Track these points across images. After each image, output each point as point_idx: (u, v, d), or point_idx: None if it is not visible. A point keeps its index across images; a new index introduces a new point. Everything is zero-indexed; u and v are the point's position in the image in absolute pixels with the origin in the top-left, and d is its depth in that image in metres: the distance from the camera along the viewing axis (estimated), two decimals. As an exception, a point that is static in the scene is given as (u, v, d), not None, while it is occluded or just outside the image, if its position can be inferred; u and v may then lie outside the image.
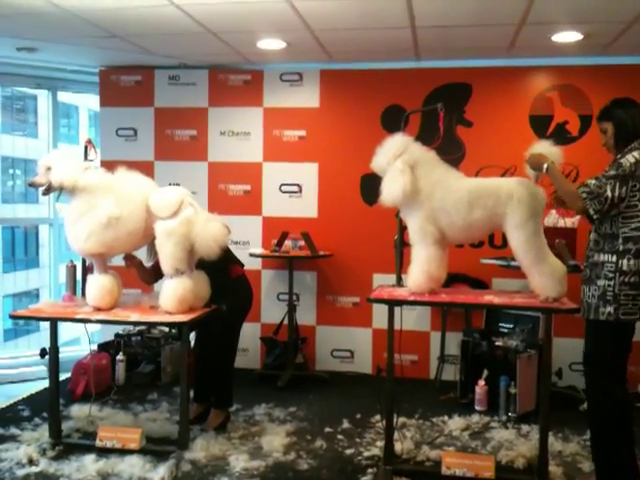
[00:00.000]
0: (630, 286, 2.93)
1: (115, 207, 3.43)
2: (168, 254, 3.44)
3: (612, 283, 2.93)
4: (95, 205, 3.45)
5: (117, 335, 5.16)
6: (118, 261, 3.83)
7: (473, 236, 3.52)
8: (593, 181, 2.94)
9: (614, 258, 2.95)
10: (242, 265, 4.14)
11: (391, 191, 3.22)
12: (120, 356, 4.99)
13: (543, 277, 3.11)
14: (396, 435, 3.46)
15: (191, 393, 3.96)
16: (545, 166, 3.04)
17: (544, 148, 3.14)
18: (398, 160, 3.23)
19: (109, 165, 3.72)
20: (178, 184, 4.37)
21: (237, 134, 5.45)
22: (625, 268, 2.92)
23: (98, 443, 3.52)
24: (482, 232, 3.46)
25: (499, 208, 3.14)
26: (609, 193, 2.88)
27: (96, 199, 3.46)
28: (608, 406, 2.98)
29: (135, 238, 3.54)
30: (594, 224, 3.05)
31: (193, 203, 3.54)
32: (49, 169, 3.47)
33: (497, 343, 4.47)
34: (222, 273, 3.84)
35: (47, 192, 3.54)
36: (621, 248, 2.95)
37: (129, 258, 3.87)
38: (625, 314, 2.94)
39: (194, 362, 4.03)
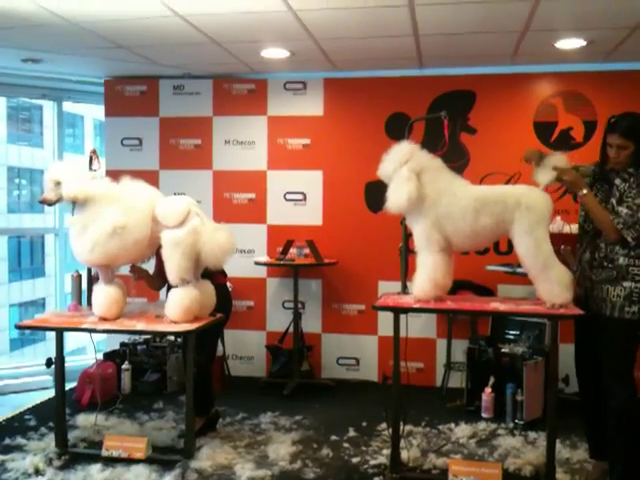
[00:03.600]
0: None
1: (121, 216, 3.43)
2: (175, 264, 3.43)
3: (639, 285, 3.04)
4: (100, 214, 3.45)
5: (123, 344, 5.16)
6: (124, 270, 3.83)
7: (479, 243, 3.51)
8: (624, 210, 3.01)
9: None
10: (225, 275, 4.16)
11: (397, 198, 3.22)
12: (126, 365, 4.99)
13: (550, 284, 3.09)
14: (402, 443, 3.44)
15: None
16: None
17: (561, 162, 3.14)
18: (404, 167, 3.23)
19: (114, 175, 3.73)
20: (183, 193, 4.39)
21: (241, 143, 5.46)
22: None
23: (104, 452, 3.52)
24: (488, 239, 3.45)
25: (506, 215, 3.13)
26: None
27: (101, 208, 3.46)
28: (616, 405, 3.04)
29: (141, 247, 3.54)
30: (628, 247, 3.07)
31: (199, 213, 3.54)
32: (58, 184, 3.47)
33: (503, 350, 4.46)
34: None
35: (54, 203, 3.56)
36: None
37: (136, 271, 3.85)
38: None
39: None
